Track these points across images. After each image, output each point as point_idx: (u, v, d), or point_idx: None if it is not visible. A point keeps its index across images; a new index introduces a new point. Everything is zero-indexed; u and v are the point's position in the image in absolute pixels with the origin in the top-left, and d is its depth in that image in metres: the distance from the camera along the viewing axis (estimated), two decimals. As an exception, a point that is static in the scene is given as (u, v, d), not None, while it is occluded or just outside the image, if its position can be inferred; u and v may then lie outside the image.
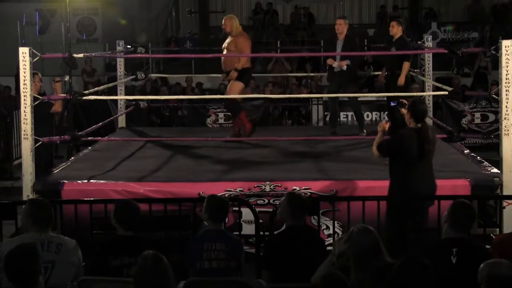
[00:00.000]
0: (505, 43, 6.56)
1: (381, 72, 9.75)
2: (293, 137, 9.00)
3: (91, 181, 6.78)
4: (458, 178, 6.59)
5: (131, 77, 10.52)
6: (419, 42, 10.34)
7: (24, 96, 6.72)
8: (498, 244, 4.43)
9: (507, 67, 6.54)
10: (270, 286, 4.24)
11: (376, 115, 12.33)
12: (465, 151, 8.10)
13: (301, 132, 10.08)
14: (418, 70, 10.62)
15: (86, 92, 8.54)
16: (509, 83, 6.55)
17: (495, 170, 6.83)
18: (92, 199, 5.97)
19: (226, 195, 6.30)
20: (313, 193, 6.42)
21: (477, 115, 12.26)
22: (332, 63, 9.14)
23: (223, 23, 8.75)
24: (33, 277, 3.58)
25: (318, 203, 5.68)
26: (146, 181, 6.81)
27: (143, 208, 4.78)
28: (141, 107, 10.81)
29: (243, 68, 8.58)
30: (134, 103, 10.66)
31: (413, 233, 5.52)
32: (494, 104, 11.17)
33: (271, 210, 5.94)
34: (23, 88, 6.71)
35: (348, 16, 18.43)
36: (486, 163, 7.28)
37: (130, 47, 10.16)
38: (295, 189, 6.35)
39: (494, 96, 7.09)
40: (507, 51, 6.52)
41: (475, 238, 5.06)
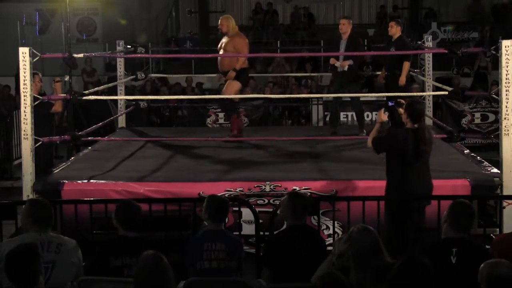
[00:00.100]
0: (505, 43, 6.56)
1: (381, 72, 9.76)
2: (293, 137, 8.99)
3: (91, 181, 6.78)
4: (458, 178, 6.59)
5: (131, 77, 10.51)
6: (419, 42, 10.33)
7: (24, 96, 6.71)
8: (498, 244, 4.44)
9: (507, 67, 6.53)
10: (270, 286, 4.24)
11: (376, 115, 12.30)
12: (465, 151, 8.09)
13: (301, 132, 10.08)
14: (418, 70, 10.61)
15: (86, 92, 8.53)
16: (509, 83, 6.55)
17: (495, 170, 6.83)
18: (92, 199, 5.97)
19: (226, 195, 6.30)
20: (313, 193, 6.42)
21: (477, 115, 12.25)
22: (335, 62, 9.13)
23: (219, 23, 8.75)
24: (33, 277, 3.58)
25: (318, 203, 5.68)
26: (146, 181, 6.81)
27: (143, 208, 4.77)
28: (141, 107, 10.81)
29: (241, 68, 8.58)
30: (134, 103, 10.66)
31: (410, 233, 5.52)
32: (494, 104, 11.17)
33: (271, 210, 5.94)
34: (23, 88, 6.71)
35: (348, 15, 18.43)
36: (486, 163, 7.27)
37: (130, 47, 10.16)
38: (295, 189, 6.34)
39: (494, 96, 7.09)
40: (507, 51, 6.52)
41: (475, 238, 5.06)
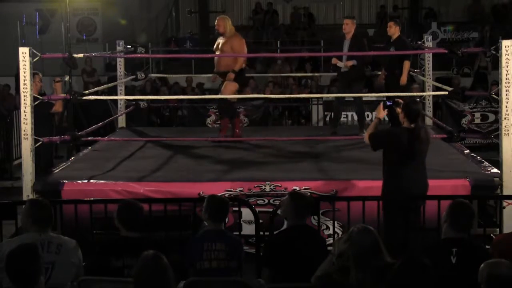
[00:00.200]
0: (505, 43, 6.55)
1: (381, 72, 9.76)
2: (293, 137, 8.99)
3: (91, 181, 6.78)
4: (458, 178, 6.59)
5: (131, 77, 10.51)
6: (419, 42, 10.33)
7: (24, 96, 6.71)
8: (498, 244, 4.44)
9: (507, 67, 6.53)
10: (270, 286, 4.24)
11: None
12: (465, 151, 8.09)
13: (301, 132, 10.08)
14: (418, 70, 10.61)
15: (86, 92, 8.53)
16: (509, 83, 6.55)
17: (495, 170, 6.83)
18: (92, 199, 5.97)
19: (226, 195, 6.30)
20: (313, 193, 6.42)
21: (477, 115, 12.26)
22: (337, 62, 9.13)
23: (216, 23, 8.64)
24: (34, 277, 3.58)
25: (318, 203, 5.67)
26: (146, 181, 6.80)
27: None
28: (141, 107, 10.81)
29: (239, 69, 8.54)
30: (134, 103, 10.65)
31: (407, 232, 5.51)
32: (494, 104, 11.17)
33: (271, 210, 5.95)
34: (23, 88, 6.70)
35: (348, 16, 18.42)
36: (486, 163, 7.27)
37: (130, 47, 10.16)
38: (295, 189, 6.34)
39: (494, 96, 7.08)
40: (507, 51, 6.52)
41: (475, 238, 5.06)
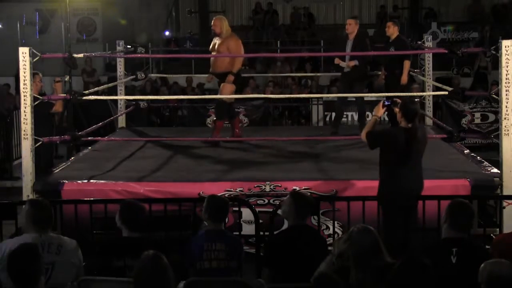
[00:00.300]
0: (505, 43, 6.55)
1: (381, 73, 9.76)
2: (293, 137, 8.99)
3: (91, 181, 6.77)
4: (458, 178, 6.58)
5: (131, 77, 10.51)
6: (419, 42, 10.32)
7: (24, 96, 6.71)
8: (498, 244, 4.44)
9: (507, 67, 6.53)
10: (270, 286, 4.24)
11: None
12: (465, 151, 8.09)
13: (301, 132, 10.08)
14: (418, 70, 10.61)
15: (86, 92, 8.53)
16: (509, 83, 6.55)
17: (495, 170, 6.82)
18: (92, 199, 5.97)
19: (226, 195, 6.30)
20: (313, 193, 6.41)
21: (477, 115, 12.26)
22: (339, 62, 9.13)
23: (212, 23, 8.53)
24: (34, 277, 3.58)
25: (318, 203, 5.67)
26: (146, 181, 6.80)
27: (143, 208, 4.77)
28: (141, 107, 10.80)
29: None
30: (134, 103, 10.65)
31: (407, 232, 5.51)
32: (494, 104, 11.17)
33: (271, 210, 5.94)
34: (23, 88, 6.70)
35: (348, 16, 18.40)
36: (486, 163, 7.27)
37: (130, 47, 10.15)
38: (295, 189, 6.32)
39: (494, 96, 7.08)
40: (507, 51, 6.52)
41: (475, 238, 5.06)
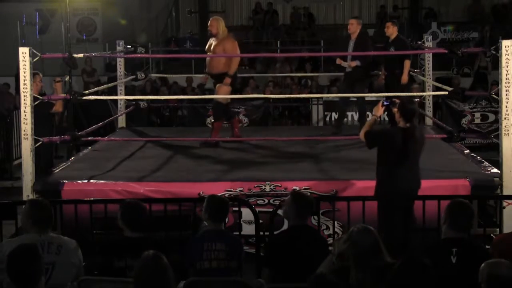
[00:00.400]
0: (505, 43, 6.55)
1: (381, 72, 9.76)
2: (293, 137, 8.99)
3: (91, 181, 6.77)
4: (458, 178, 6.58)
5: (131, 77, 10.51)
6: (419, 42, 10.32)
7: (24, 96, 6.71)
8: (498, 244, 4.44)
9: (507, 67, 6.53)
10: (270, 286, 4.24)
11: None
12: (465, 151, 8.09)
13: (301, 132, 10.08)
14: (418, 70, 10.61)
15: (86, 92, 8.53)
16: (509, 83, 6.55)
17: (495, 170, 6.82)
18: (92, 199, 5.97)
19: (226, 195, 6.30)
20: (313, 193, 6.41)
21: (477, 115, 12.26)
22: (341, 63, 9.14)
23: (209, 24, 8.48)
24: (34, 277, 3.58)
25: (318, 203, 5.67)
26: (146, 181, 6.80)
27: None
28: (141, 107, 10.81)
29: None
30: (134, 103, 10.65)
31: (406, 232, 5.50)
32: (494, 104, 11.17)
33: (271, 210, 5.95)
34: (23, 88, 6.70)
35: (348, 16, 18.43)
36: (486, 163, 7.27)
37: (130, 47, 10.16)
38: (295, 189, 6.32)
39: (494, 96, 7.08)
40: (507, 51, 6.52)
41: (475, 238, 5.06)
